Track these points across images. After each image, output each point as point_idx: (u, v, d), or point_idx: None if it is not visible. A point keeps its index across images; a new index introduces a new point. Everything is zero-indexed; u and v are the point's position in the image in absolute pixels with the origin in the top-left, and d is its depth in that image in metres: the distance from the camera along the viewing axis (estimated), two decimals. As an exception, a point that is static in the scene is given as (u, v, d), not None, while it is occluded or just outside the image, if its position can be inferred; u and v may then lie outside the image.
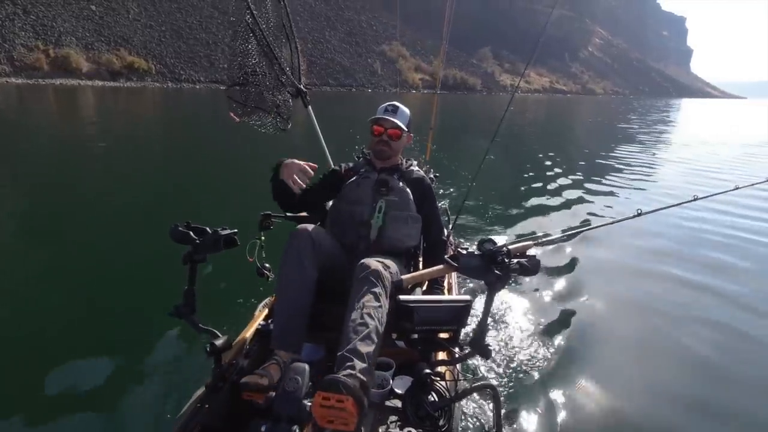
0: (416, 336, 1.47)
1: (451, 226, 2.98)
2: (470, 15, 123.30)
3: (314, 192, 2.10)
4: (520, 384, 2.35)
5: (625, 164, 10.27)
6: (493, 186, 6.99)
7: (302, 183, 1.81)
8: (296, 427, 1.15)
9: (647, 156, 11.83)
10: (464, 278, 3.00)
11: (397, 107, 2.05)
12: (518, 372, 2.44)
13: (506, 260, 1.30)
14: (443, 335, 1.49)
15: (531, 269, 1.33)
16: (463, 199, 3.03)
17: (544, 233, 4.77)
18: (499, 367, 2.46)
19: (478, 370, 2.40)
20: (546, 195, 7.06)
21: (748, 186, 2.23)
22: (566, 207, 6.39)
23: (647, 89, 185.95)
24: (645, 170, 9.61)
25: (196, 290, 1.43)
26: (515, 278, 2.90)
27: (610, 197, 7.09)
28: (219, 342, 1.42)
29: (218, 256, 1.46)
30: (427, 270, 1.56)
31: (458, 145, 11.89)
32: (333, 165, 2.69)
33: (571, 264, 4.02)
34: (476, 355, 1.41)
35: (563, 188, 7.50)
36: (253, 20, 2.18)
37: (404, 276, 1.52)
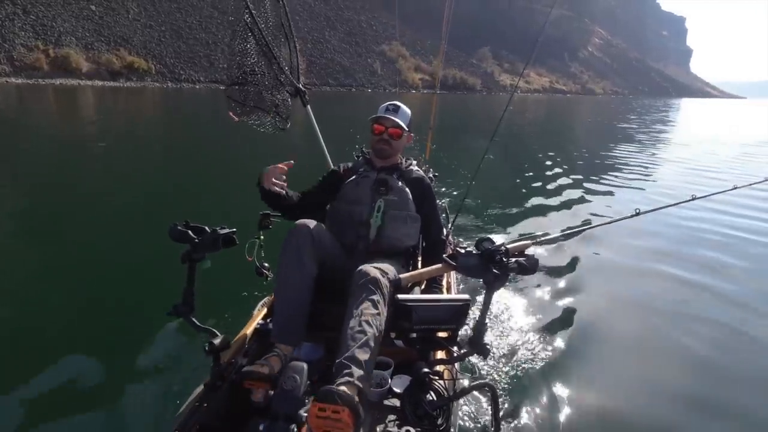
0: (415, 335, 1.47)
1: (450, 226, 2.99)
2: (469, 15, 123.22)
3: (314, 194, 2.09)
4: (519, 383, 2.35)
5: (624, 164, 10.28)
6: (492, 185, 6.99)
7: (283, 183, 1.83)
8: (294, 426, 1.15)
9: (646, 156, 11.84)
10: (463, 277, 3.00)
11: (399, 107, 2.05)
12: (517, 371, 2.44)
13: (504, 259, 1.31)
14: (442, 334, 1.50)
15: (529, 268, 1.33)
16: (463, 198, 3.04)
17: (543, 232, 4.78)
18: (498, 366, 2.46)
19: (477, 369, 2.40)
20: (545, 194, 7.07)
21: (747, 186, 2.23)
22: (565, 206, 6.39)
23: (647, 89, 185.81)
24: (643, 170, 9.62)
25: (195, 289, 1.43)
26: (514, 277, 2.90)
27: (609, 197, 7.10)
28: (217, 341, 1.42)
29: (217, 256, 1.46)
30: (426, 269, 1.56)
31: (458, 145, 11.89)
32: (332, 164, 2.69)
33: (570, 263, 4.03)
34: (475, 354, 1.41)
35: (562, 188, 7.51)
36: (252, 20, 2.18)
37: (403, 275, 1.53)
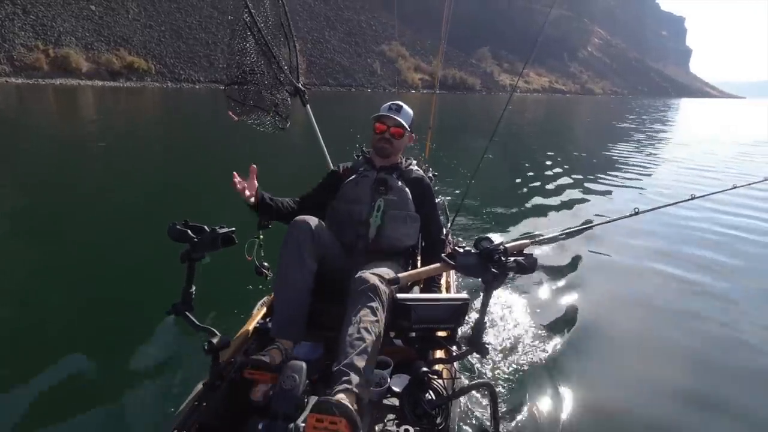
0: (414, 334, 1.47)
1: (450, 225, 2.99)
2: (469, 15, 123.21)
3: (314, 196, 2.09)
4: (518, 382, 2.35)
5: (623, 163, 10.28)
6: (492, 185, 6.99)
7: (253, 183, 1.80)
8: (293, 425, 1.15)
9: (645, 155, 11.84)
10: (462, 276, 3.00)
11: (401, 106, 2.05)
12: (516, 370, 2.44)
13: (503, 258, 1.31)
14: (441, 333, 1.50)
15: (528, 267, 1.33)
16: (462, 198, 3.04)
17: (542, 232, 4.77)
18: (497, 366, 2.46)
19: (476, 369, 2.40)
20: (544, 194, 7.06)
21: (746, 185, 2.23)
22: (564, 206, 6.39)
23: (646, 89, 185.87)
24: (642, 169, 9.62)
25: (194, 289, 1.43)
26: (512, 277, 2.90)
27: (608, 196, 7.10)
28: (217, 340, 1.42)
29: (217, 255, 1.46)
30: (425, 268, 1.56)
31: (457, 145, 11.89)
32: (332, 163, 2.70)
33: (569, 263, 4.02)
34: (474, 354, 1.41)
35: (561, 187, 7.51)
36: (252, 19, 2.19)
37: (402, 274, 1.53)
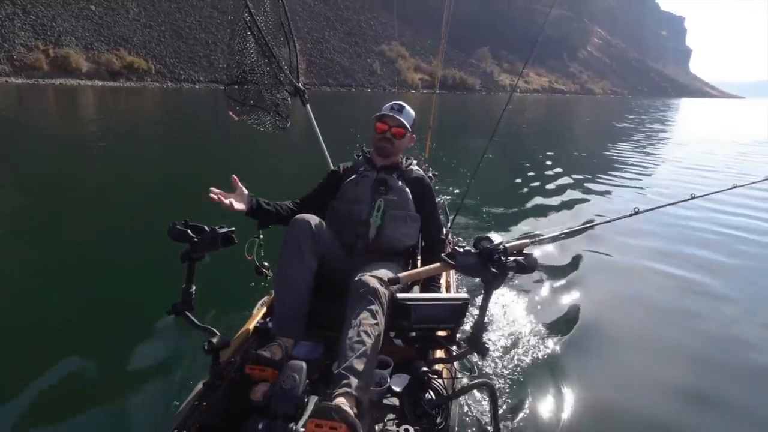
0: (414, 334, 1.47)
1: (450, 224, 2.99)
2: (469, 15, 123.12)
3: (314, 197, 2.09)
4: (518, 381, 2.35)
5: (623, 163, 10.28)
6: (492, 184, 6.99)
7: (241, 193, 1.79)
8: (293, 425, 1.15)
9: (645, 155, 11.84)
10: (462, 276, 3.00)
11: (403, 107, 2.06)
12: (515, 370, 2.44)
13: (503, 258, 1.30)
14: (441, 333, 1.50)
15: (528, 267, 1.33)
16: (462, 197, 3.04)
17: (542, 231, 4.77)
18: (497, 365, 2.46)
19: (476, 368, 2.39)
20: (544, 193, 7.06)
21: (747, 185, 2.23)
22: (564, 205, 6.39)
23: (646, 89, 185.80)
24: (642, 169, 9.62)
25: (194, 288, 1.43)
26: (512, 276, 2.91)
27: (608, 196, 7.10)
28: (217, 340, 1.43)
29: (217, 255, 1.46)
30: (425, 268, 1.56)
31: (457, 144, 11.89)
32: (332, 163, 2.70)
33: (569, 262, 4.02)
34: (473, 353, 1.41)
35: (561, 187, 7.51)
36: (252, 19, 2.19)
37: (402, 274, 1.53)
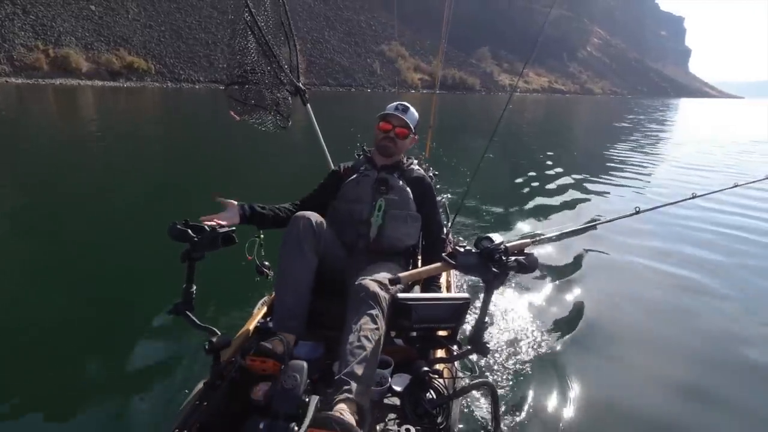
0: (415, 333, 1.48)
1: (450, 224, 2.99)
2: (469, 15, 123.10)
3: (314, 197, 2.09)
4: (519, 381, 2.35)
5: (623, 163, 10.28)
6: (492, 184, 6.99)
7: (232, 208, 1.77)
8: (294, 425, 1.15)
9: (645, 155, 11.83)
10: (463, 276, 3.00)
11: (408, 108, 2.06)
12: (516, 369, 2.44)
13: (504, 258, 1.30)
14: (442, 333, 1.50)
15: (529, 267, 1.33)
16: (462, 197, 3.04)
17: (542, 231, 4.77)
18: (497, 365, 2.46)
19: (477, 368, 2.39)
20: (544, 193, 7.06)
21: (747, 184, 2.23)
22: (564, 205, 6.39)
23: (645, 89, 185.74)
24: (642, 169, 9.62)
25: (195, 288, 1.43)
26: (513, 276, 2.90)
27: (608, 195, 7.10)
28: (217, 340, 1.43)
29: (217, 254, 1.46)
30: (426, 267, 1.56)
31: (457, 144, 11.89)
32: (332, 162, 2.70)
33: (570, 262, 4.02)
34: (474, 353, 1.41)
35: (561, 187, 7.50)
36: (252, 19, 2.19)
37: (402, 274, 1.52)
